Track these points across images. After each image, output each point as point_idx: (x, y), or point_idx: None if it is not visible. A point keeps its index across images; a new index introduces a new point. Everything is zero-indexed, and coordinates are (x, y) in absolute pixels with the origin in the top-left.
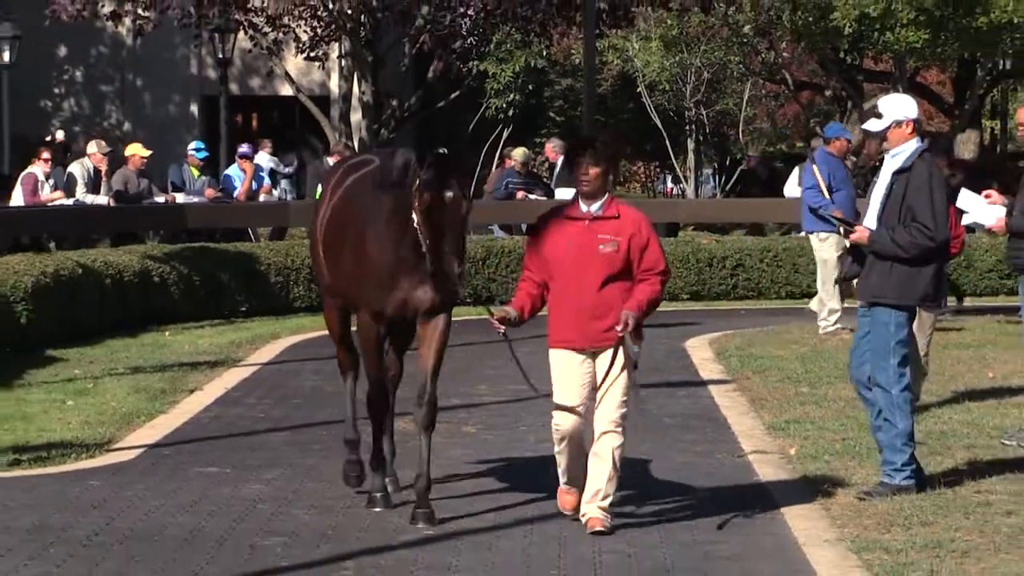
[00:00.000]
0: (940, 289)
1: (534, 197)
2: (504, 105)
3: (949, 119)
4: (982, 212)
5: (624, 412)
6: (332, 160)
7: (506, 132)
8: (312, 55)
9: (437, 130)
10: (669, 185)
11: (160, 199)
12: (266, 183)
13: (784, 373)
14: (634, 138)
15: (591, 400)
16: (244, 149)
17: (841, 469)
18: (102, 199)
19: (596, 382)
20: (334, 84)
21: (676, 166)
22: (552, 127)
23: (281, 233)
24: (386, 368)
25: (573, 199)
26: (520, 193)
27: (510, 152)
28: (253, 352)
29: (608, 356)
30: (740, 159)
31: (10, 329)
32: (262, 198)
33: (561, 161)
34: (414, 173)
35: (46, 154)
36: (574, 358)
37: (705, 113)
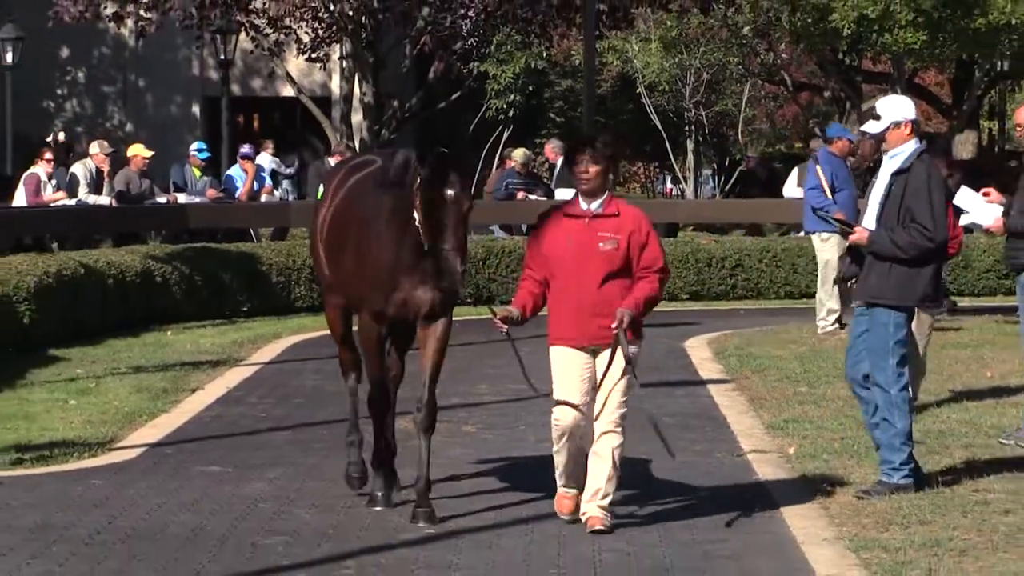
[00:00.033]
0: (939, 290)
1: (534, 197)
2: (504, 106)
3: (947, 120)
4: (980, 211)
5: (623, 412)
6: (333, 161)
7: (506, 133)
8: (313, 56)
9: (438, 131)
10: (668, 186)
11: (162, 199)
12: (267, 184)
13: (783, 372)
14: (634, 139)
15: (591, 397)
16: (246, 150)
17: (839, 468)
18: (104, 199)
19: (596, 380)
20: (335, 85)
21: (675, 167)
22: (552, 128)
23: (283, 233)
24: (387, 368)
25: (573, 197)
26: (520, 193)
27: (510, 153)
28: (255, 351)
29: (607, 355)
30: (739, 160)
31: (13, 329)
32: (263, 198)
33: (561, 162)
34: (415, 172)
35: (49, 155)
36: (574, 355)
37: (704, 114)
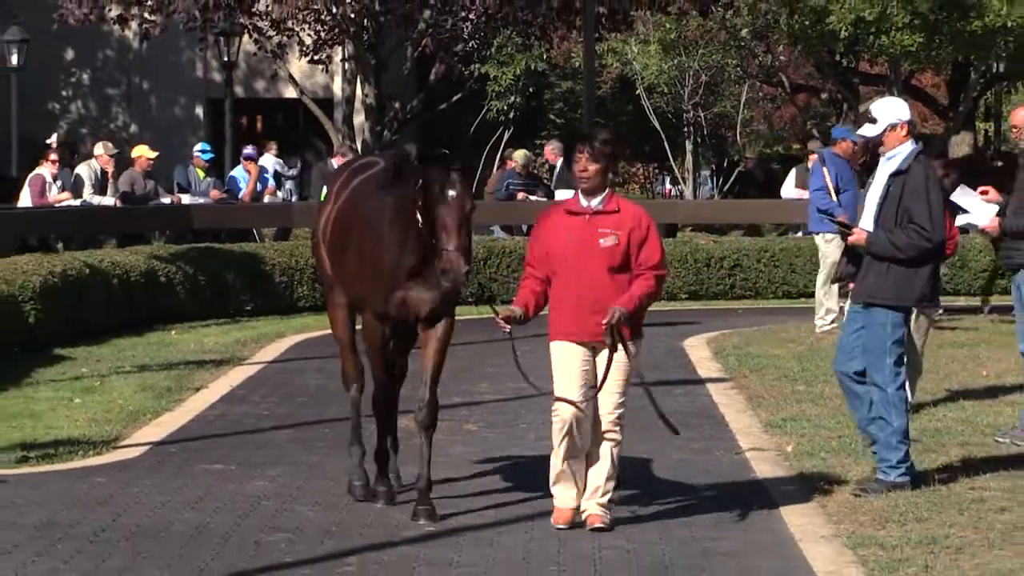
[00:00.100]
0: (936, 290)
1: (534, 198)
2: (505, 107)
3: (944, 121)
4: (977, 211)
5: (622, 412)
6: (336, 162)
7: (507, 134)
8: (316, 58)
9: (439, 132)
10: (667, 186)
11: (166, 200)
12: (270, 184)
13: (781, 371)
14: (633, 140)
15: (591, 393)
16: (249, 151)
17: (837, 466)
18: (109, 200)
19: (596, 378)
20: (337, 87)
21: (674, 167)
22: (552, 129)
23: (285, 234)
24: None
25: (574, 195)
26: (520, 194)
27: (511, 154)
28: (258, 351)
29: (607, 354)
30: (737, 161)
31: (18, 328)
32: (267, 199)
33: (560, 163)
34: (416, 174)
35: (54, 156)
36: (574, 350)
37: (703, 115)
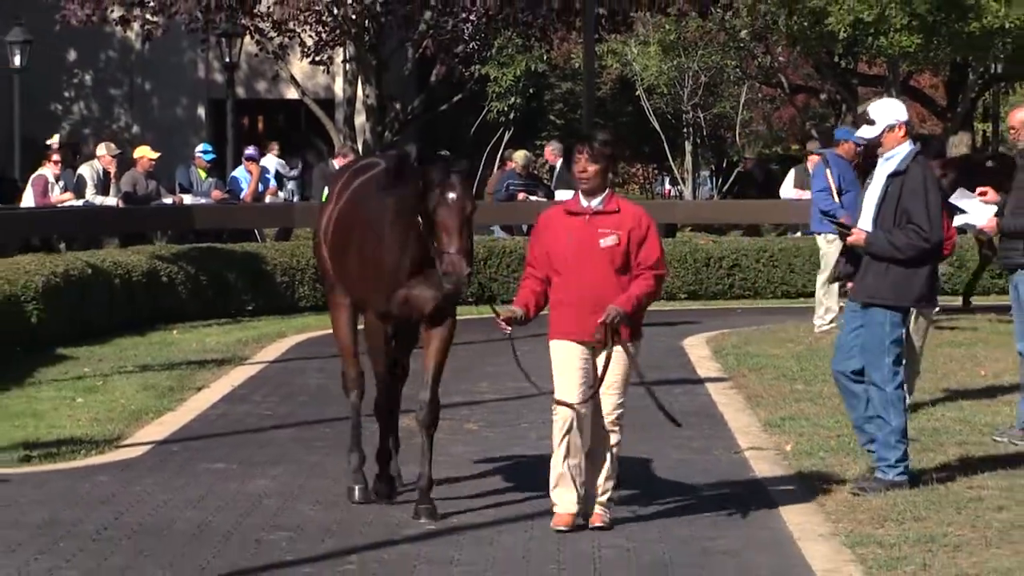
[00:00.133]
0: (934, 289)
1: (535, 199)
2: (505, 108)
3: (942, 122)
4: (975, 211)
5: (622, 411)
6: (337, 162)
7: (507, 135)
8: (317, 59)
9: (440, 133)
10: (667, 187)
11: (168, 200)
12: (272, 185)
13: (780, 371)
14: (632, 141)
15: (591, 392)
16: (250, 151)
17: (836, 465)
18: (111, 200)
19: (595, 377)
20: (339, 88)
21: (674, 168)
22: (552, 130)
23: (287, 234)
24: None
25: (574, 196)
26: (521, 195)
27: (511, 154)
28: (259, 350)
29: (606, 354)
30: (737, 161)
31: (21, 328)
32: (268, 200)
33: (560, 163)
34: (417, 175)
35: (56, 156)
36: (574, 349)
37: (702, 116)
